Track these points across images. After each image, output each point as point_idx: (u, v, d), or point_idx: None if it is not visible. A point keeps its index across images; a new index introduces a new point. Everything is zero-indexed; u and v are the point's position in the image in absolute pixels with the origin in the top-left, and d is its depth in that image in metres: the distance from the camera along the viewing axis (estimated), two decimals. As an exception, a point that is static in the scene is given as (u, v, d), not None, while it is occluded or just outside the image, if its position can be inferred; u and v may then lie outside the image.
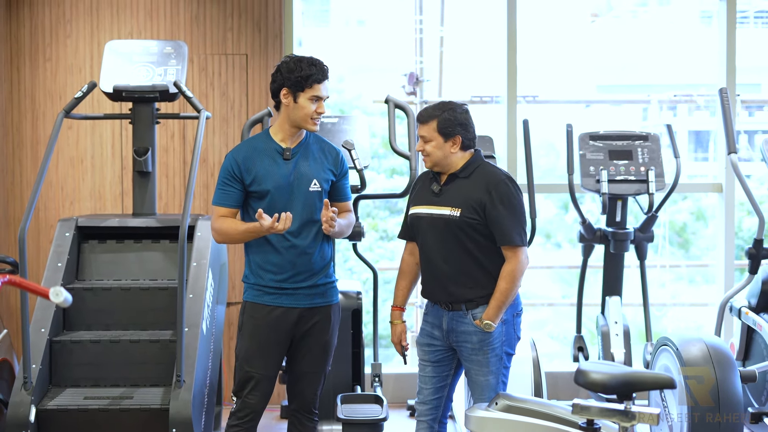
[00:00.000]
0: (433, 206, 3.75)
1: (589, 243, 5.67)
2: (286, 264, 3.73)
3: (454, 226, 3.68)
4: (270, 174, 3.73)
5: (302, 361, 3.84)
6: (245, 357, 3.78)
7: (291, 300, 3.76)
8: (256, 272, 3.77)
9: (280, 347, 3.79)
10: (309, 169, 3.78)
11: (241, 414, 3.79)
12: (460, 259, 3.69)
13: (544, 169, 11.06)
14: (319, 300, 3.81)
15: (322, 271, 3.81)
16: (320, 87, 3.71)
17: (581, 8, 10.56)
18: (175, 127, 6.04)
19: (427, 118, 3.75)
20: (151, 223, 4.91)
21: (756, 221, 5.04)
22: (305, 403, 3.89)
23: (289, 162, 3.76)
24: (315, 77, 3.69)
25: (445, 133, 3.72)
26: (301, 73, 3.68)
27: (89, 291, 4.72)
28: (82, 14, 6.03)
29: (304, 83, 3.69)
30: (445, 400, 3.87)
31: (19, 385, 4.26)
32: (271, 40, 6.06)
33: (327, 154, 3.86)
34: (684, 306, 9.54)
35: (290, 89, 3.71)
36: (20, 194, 6.05)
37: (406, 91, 6.68)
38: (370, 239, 10.49)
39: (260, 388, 3.78)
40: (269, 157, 3.76)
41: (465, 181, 3.74)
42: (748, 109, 9.81)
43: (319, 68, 3.72)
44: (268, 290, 3.76)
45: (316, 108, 3.71)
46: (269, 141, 3.80)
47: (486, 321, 3.65)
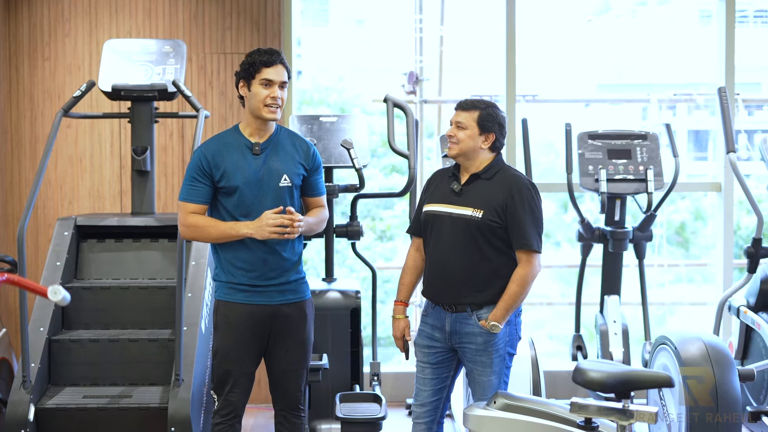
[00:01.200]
0: (454, 205, 3.72)
1: (588, 242, 5.68)
2: (257, 261, 3.71)
3: (474, 227, 3.66)
4: (239, 169, 3.70)
5: (282, 360, 3.82)
6: (222, 355, 3.77)
7: (263, 298, 3.74)
8: (228, 270, 3.75)
9: (256, 342, 3.77)
10: (279, 164, 3.74)
11: (224, 412, 3.78)
12: (474, 262, 3.67)
13: (543, 168, 11.05)
14: (291, 296, 3.80)
15: (293, 268, 3.79)
16: (269, 70, 3.69)
17: (580, 7, 10.54)
18: (173, 126, 6.04)
19: (470, 106, 3.75)
20: (149, 222, 4.91)
21: (755, 220, 5.04)
22: (291, 401, 3.87)
23: (259, 157, 3.73)
24: (261, 60, 3.68)
25: (483, 126, 3.72)
26: (250, 60, 3.71)
27: (88, 290, 4.72)
28: (81, 13, 6.03)
29: (252, 69, 3.70)
30: (443, 401, 3.85)
31: (18, 384, 4.26)
32: (270, 39, 6.05)
33: (298, 148, 3.82)
34: (683, 305, 9.53)
35: (244, 80, 3.73)
36: (19, 193, 6.05)
37: (405, 90, 6.67)
38: (369, 239, 10.48)
39: (240, 385, 3.77)
40: (238, 152, 3.73)
41: (487, 182, 3.73)
42: (748, 108, 9.80)
43: (267, 53, 3.71)
44: (240, 287, 3.74)
45: (269, 93, 3.68)
46: (238, 136, 3.77)
47: (492, 322, 3.63)
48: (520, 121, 5.50)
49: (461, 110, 3.76)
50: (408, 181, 5.17)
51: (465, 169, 3.78)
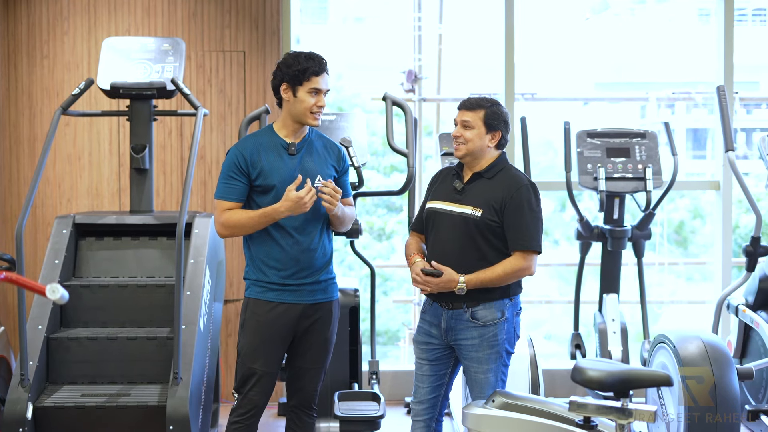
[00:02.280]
0: (455, 204, 3.72)
1: (587, 240, 5.68)
2: (289, 260, 3.72)
3: (473, 226, 3.66)
4: (276, 169, 3.72)
5: (303, 357, 3.83)
6: (248, 353, 3.77)
7: (294, 296, 3.75)
8: (259, 268, 3.76)
9: (282, 344, 3.79)
10: (314, 164, 3.78)
11: (243, 410, 3.78)
12: (471, 259, 3.66)
13: (541, 166, 11.06)
14: (321, 296, 3.81)
15: (324, 268, 3.81)
16: (318, 79, 3.71)
17: (579, 6, 10.54)
18: (172, 124, 6.04)
19: (475, 105, 3.73)
20: (148, 220, 4.91)
21: (753, 219, 5.04)
22: (305, 399, 3.89)
23: (294, 157, 3.76)
24: (312, 69, 3.69)
25: (489, 125, 3.71)
26: (299, 67, 3.69)
27: (86, 288, 4.72)
28: (80, 11, 6.02)
29: (301, 76, 3.69)
30: (442, 398, 3.85)
31: (16, 382, 4.25)
32: (269, 37, 6.05)
33: (329, 150, 3.86)
34: (682, 303, 9.55)
35: (289, 84, 3.72)
36: (17, 191, 6.04)
37: (404, 88, 6.68)
38: (367, 237, 10.49)
39: (262, 385, 3.77)
40: (274, 151, 3.75)
41: (488, 181, 3.72)
42: (746, 106, 9.82)
43: (316, 61, 3.72)
44: (271, 287, 3.74)
45: (315, 101, 3.71)
46: (274, 136, 3.79)
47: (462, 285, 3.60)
48: (518, 120, 5.49)
49: (466, 110, 3.75)
50: (407, 179, 5.16)
51: (469, 167, 3.78)
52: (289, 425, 3.93)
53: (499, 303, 3.68)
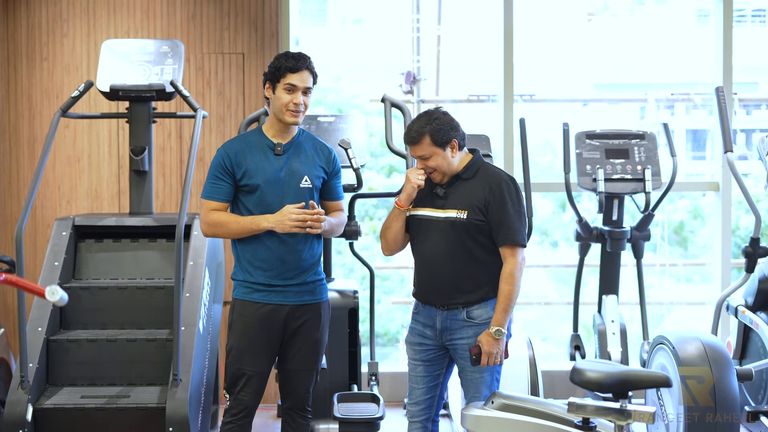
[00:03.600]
0: (438, 209, 3.72)
1: (586, 242, 5.68)
2: (275, 260, 3.73)
3: (460, 228, 3.66)
4: (261, 169, 3.74)
5: (293, 360, 3.84)
6: (236, 354, 3.78)
7: (280, 297, 3.76)
8: (246, 268, 3.77)
9: (271, 344, 3.79)
10: (300, 165, 3.78)
11: (235, 411, 3.79)
12: (463, 262, 3.67)
13: (541, 167, 11.08)
14: (308, 297, 3.81)
15: (312, 269, 3.81)
16: (294, 76, 3.71)
17: (578, 7, 10.57)
18: (171, 126, 6.04)
19: (417, 136, 3.68)
20: (147, 222, 4.91)
21: (753, 220, 5.04)
22: (298, 401, 3.89)
23: (281, 158, 3.77)
24: (287, 66, 3.71)
25: (441, 143, 3.67)
26: (276, 64, 3.74)
27: (86, 290, 4.72)
28: (79, 13, 6.03)
29: (278, 73, 3.73)
30: (437, 399, 3.85)
31: (16, 384, 4.25)
32: (268, 39, 6.05)
33: (319, 152, 3.86)
34: (681, 304, 9.55)
35: (270, 82, 3.76)
36: (17, 193, 6.05)
37: (403, 89, 6.69)
38: (368, 239, 10.48)
39: (252, 385, 3.78)
40: (261, 151, 3.77)
41: (468, 182, 3.73)
42: (746, 107, 9.82)
43: (294, 59, 3.73)
44: (257, 287, 3.76)
45: (291, 98, 3.71)
46: (262, 136, 3.81)
47: (496, 328, 3.62)
48: (517, 121, 5.50)
49: (413, 145, 3.70)
50: (406, 181, 5.15)
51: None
52: (284, 427, 3.94)
53: (493, 302, 3.69)
